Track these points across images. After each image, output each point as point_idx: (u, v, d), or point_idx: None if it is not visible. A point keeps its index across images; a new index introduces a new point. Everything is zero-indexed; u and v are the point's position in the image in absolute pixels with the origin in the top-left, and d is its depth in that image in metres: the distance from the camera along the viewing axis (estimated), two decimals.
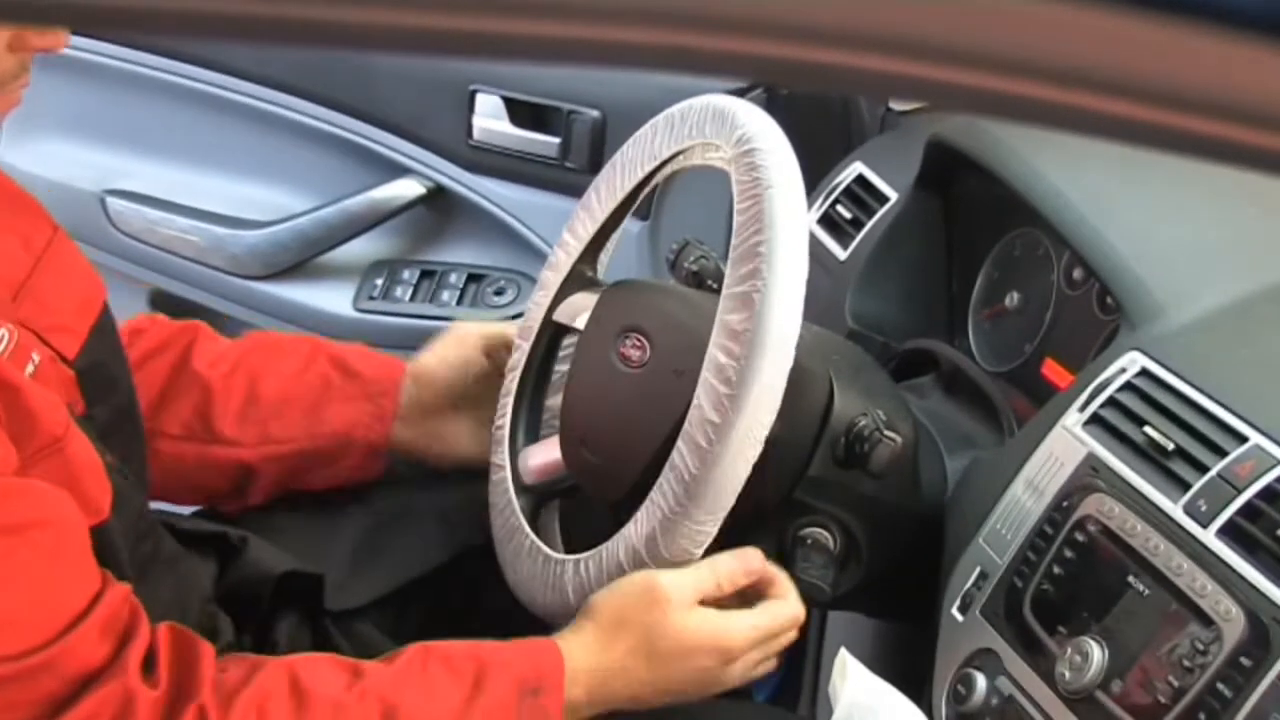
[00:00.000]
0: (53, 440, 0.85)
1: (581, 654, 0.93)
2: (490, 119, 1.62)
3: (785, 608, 0.98)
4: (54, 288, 0.94)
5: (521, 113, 1.61)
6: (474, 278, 1.69)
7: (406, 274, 1.70)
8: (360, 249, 1.73)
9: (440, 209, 1.71)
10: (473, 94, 1.61)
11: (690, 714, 1.12)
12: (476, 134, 1.63)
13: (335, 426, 1.17)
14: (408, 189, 1.67)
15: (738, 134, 0.97)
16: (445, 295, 1.68)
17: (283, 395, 1.16)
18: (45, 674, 0.76)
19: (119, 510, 0.91)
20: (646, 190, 1.15)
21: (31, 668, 0.75)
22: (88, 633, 0.78)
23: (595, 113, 1.57)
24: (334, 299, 1.69)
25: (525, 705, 0.88)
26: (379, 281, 1.70)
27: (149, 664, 0.80)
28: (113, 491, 0.91)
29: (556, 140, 1.60)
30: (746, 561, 0.97)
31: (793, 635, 1.00)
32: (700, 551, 0.95)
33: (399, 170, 1.68)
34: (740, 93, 1.35)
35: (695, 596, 0.95)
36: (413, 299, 1.69)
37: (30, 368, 0.87)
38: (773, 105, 1.53)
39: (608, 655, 0.93)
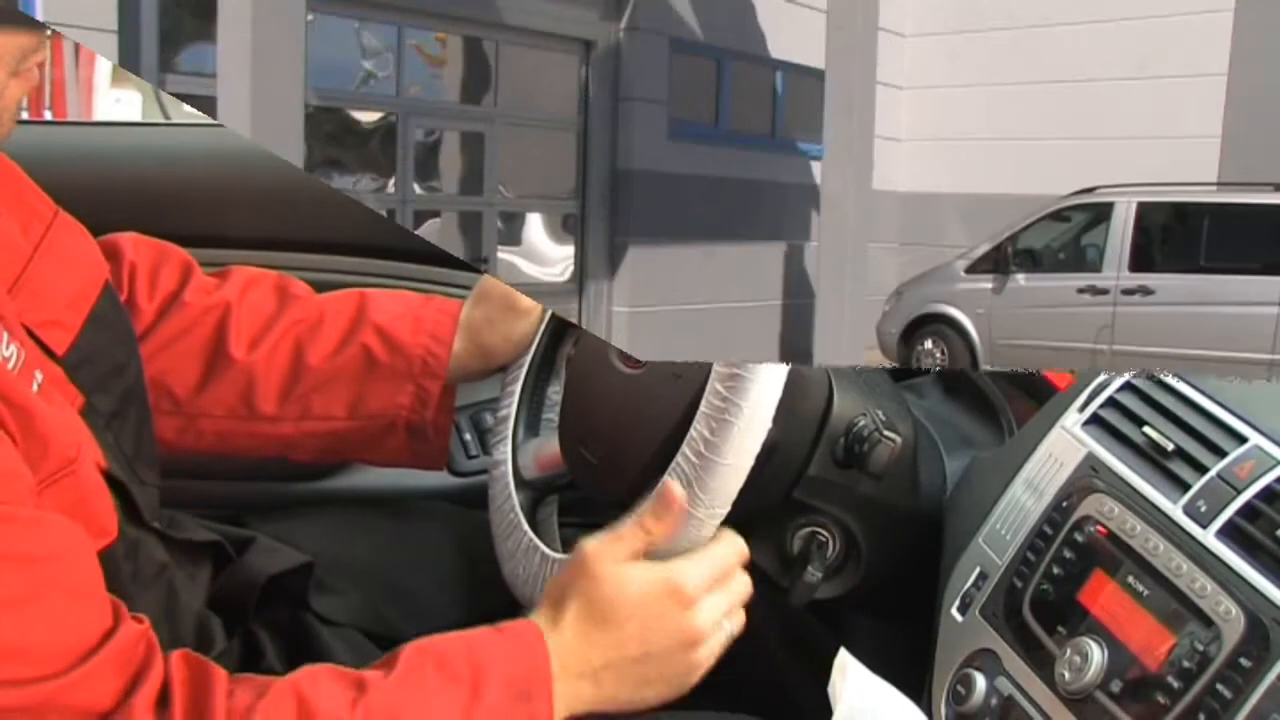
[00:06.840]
0: (66, 463, 0.84)
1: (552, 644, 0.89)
2: None
3: (722, 546, 0.93)
4: (51, 277, 0.93)
5: None
6: None
7: None
8: None
9: None
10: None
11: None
12: None
13: (375, 408, 1.14)
14: None
15: None
16: None
17: (323, 371, 1.13)
18: (53, 707, 0.74)
19: (123, 523, 0.91)
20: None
21: (41, 698, 0.74)
22: (100, 667, 0.77)
23: None
24: None
25: (517, 710, 0.86)
26: None
27: (163, 701, 0.79)
28: (119, 498, 0.91)
29: None
30: (662, 501, 0.91)
31: (744, 575, 0.94)
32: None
33: None
34: None
35: (622, 549, 0.91)
36: None
37: (35, 385, 0.86)
38: None
39: (562, 635, 0.89)
